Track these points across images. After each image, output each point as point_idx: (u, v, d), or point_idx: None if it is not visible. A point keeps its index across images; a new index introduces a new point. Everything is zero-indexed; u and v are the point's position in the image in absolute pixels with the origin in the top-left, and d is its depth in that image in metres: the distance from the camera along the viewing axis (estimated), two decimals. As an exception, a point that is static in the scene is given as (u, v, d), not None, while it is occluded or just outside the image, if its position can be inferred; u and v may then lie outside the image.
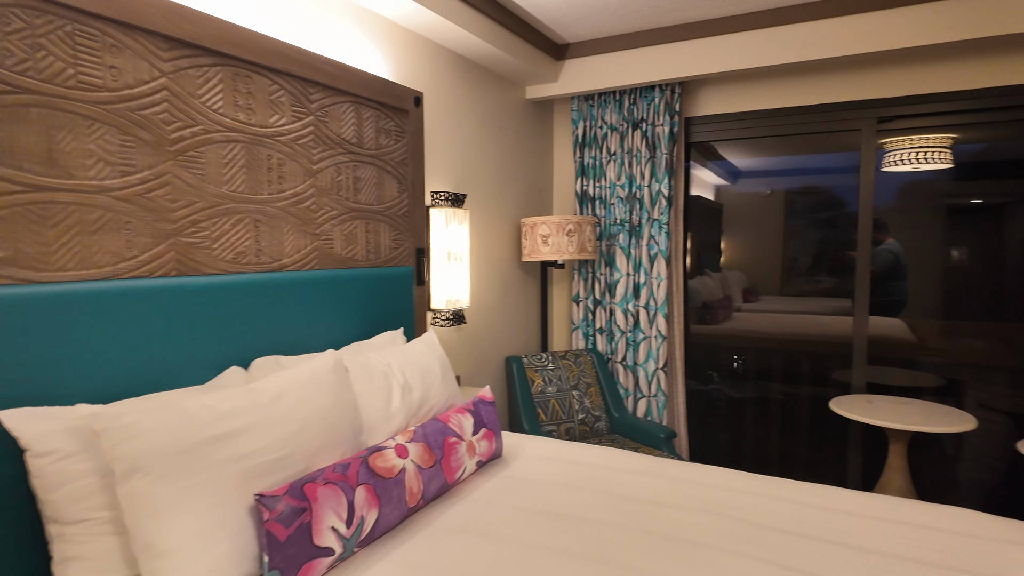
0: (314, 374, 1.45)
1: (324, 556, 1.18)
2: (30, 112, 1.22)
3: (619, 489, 1.62)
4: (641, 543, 1.33)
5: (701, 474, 1.72)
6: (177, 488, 1.10)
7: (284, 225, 1.79)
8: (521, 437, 2.08)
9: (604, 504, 1.53)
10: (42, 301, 1.22)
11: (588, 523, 1.43)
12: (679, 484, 1.65)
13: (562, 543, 1.33)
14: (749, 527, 1.40)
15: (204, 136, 1.56)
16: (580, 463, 1.82)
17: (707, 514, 1.47)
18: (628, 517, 1.46)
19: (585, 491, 1.61)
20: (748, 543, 1.32)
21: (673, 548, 1.31)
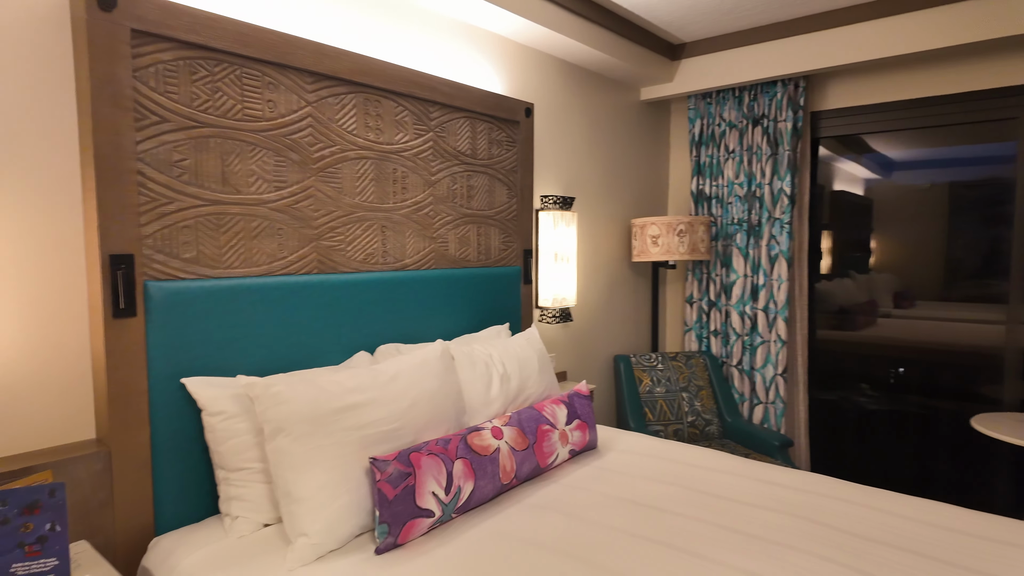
0: (425, 360, 1.66)
1: (425, 517, 1.37)
2: (209, 142, 1.54)
3: (704, 486, 1.66)
4: (717, 536, 1.37)
5: (795, 479, 1.70)
6: (310, 448, 1.35)
7: (406, 230, 2.03)
8: (618, 432, 2.16)
9: (687, 498, 1.58)
10: (217, 293, 1.54)
11: (669, 514, 1.49)
12: (768, 486, 1.65)
13: (641, 529, 1.41)
14: (833, 532, 1.38)
15: (340, 154, 1.83)
16: (671, 459, 1.87)
17: (791, 516, 1.47)
18: (709, 512, 1.50)
19: (671, 485, 1.67)
20: (830, 547, 1.32)
21: (748, 543, 1.34)
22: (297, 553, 1.27)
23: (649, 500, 1.58)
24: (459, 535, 1.40)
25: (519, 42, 2.52)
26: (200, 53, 1.51)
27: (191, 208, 1.51)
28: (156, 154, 1.44)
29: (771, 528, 1.41)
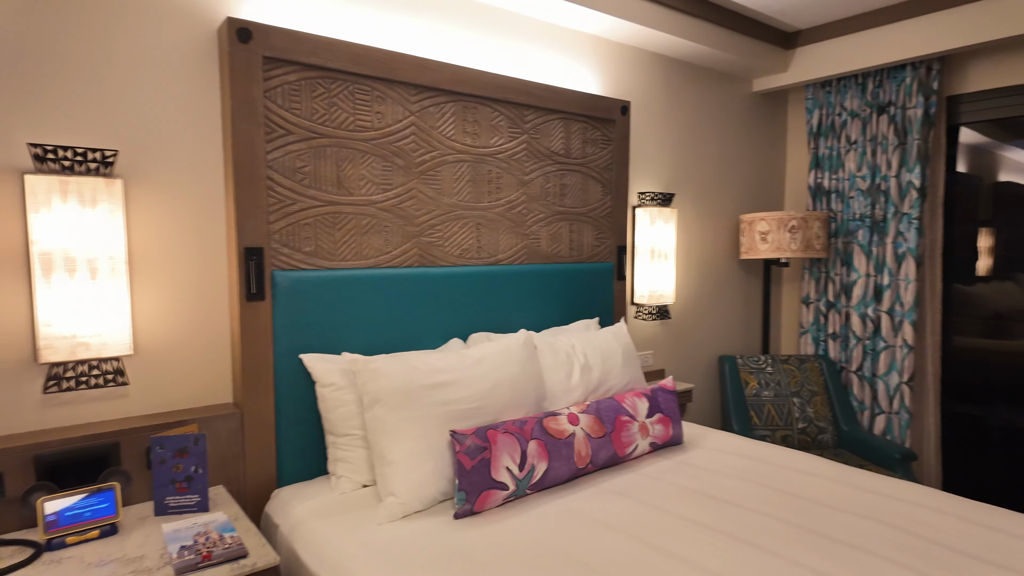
0: (507, 347, 1.77)
1: (500, 489, 1.49)
2: (327, 150, 1.77)
3: (789, 487, 1.61)
4: (790, 534, 1.35)
5: (895, 488, 1.59)
6: (402, 418, 1.52)
7: (499, 227, 2.16)
8: (709, 430, 2.13)
9: (770, 498, 1.55)
10: (331, 282, 1.76)
11: (747, 511, 1.48)
12: (862, 492, 1.57)
13: (713, 522, 1.41)
14: (924, 543, 1.29)
15: (440, 158, 2.00)
16: (759, 459, 1.83)
17: (880, 523, 1.39)
18: (788, 511, 1.46)
19: (754, 484, 1.64)
20: (917, 557, 1.24)
21: (823, 544, 1.30)
22: (387, 510, 1.44)
23: (726, 495, 1.57)
24: (532, 509, 1.50)
25: (616, 41, 2.57)
26: (319, 73, 1.74)
27: (311, 208, 1.75)
28: (282, 162, 1.69)
29: (853, 532, 1.35)
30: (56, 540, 1.27)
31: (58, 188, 1.38)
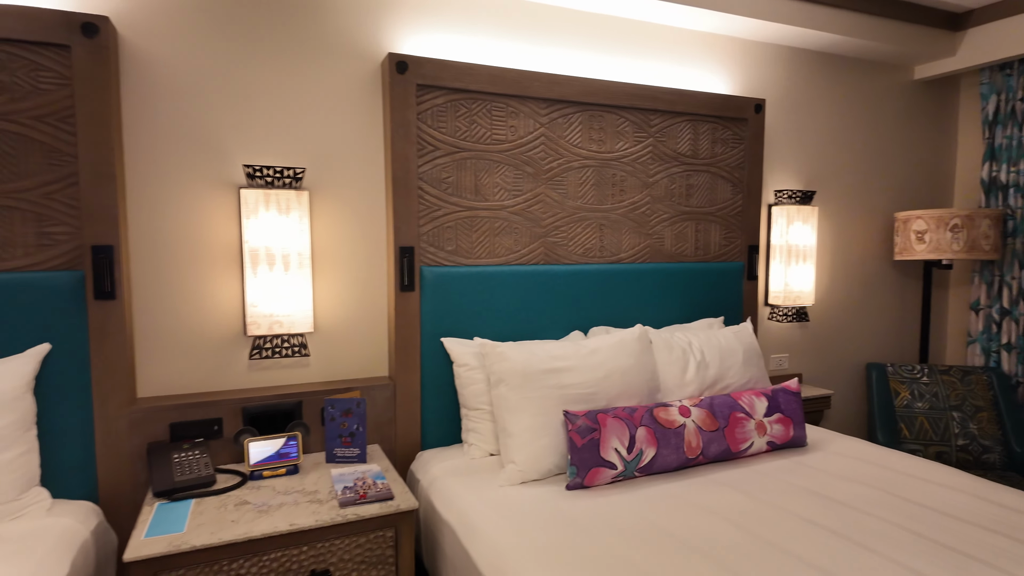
0: (622, 340, 1.90)
1: (608, 468, 1.62)
2: (467, 162, 2.02)
3: (911, 494, 1.55)
4: (905, 540, 1.32)
5: (1043, 508, 1.47)
6: (522, 397, 1.72)
7: (622, 228, 2.28)
8: (837, 435, 2.07)
9: (885, 502, 1.51)
10: (468, 276, 2.01)
11: (857, 512, 1.46)
12: (994, 507, 1.47)
13: (825, 521, 1.42)
14: (1061, 564, 1.21)
15: (566, 165, 2.17)
16: (884, 466, 1.76)
17: (1007, 538, 1.31)
18: (906, 518, 1.43)
19: (872, 488, 1.60)
20: (1046, 576, 1.17)
21: (940, 553, 1.26)
22: (507, 475, 1.65)
23: (840, 496, 1.56)
24: (638, 490, 1.61)
25: (751, 40, 2.55)
26: (462, 95, 2.00)
27: (453, 213, 2.02)
28: (431, 174, 1.97)
29: (975, 544, 1.30)
30: (256, 472, 1.65)
31: (263, 199, 1.77)
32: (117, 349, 1.61)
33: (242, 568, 1.34)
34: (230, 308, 1.83)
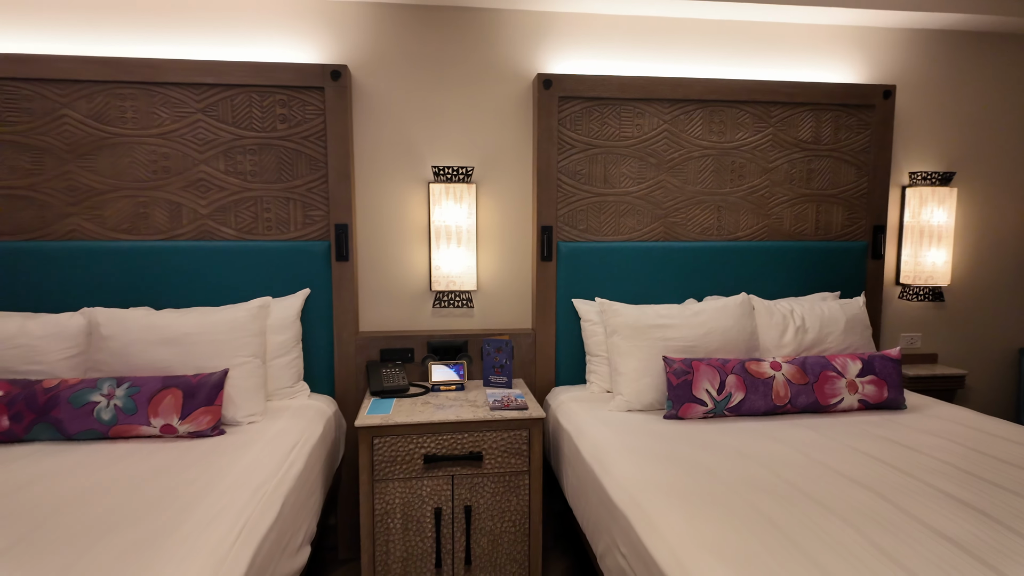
0: (725, 304, 2.23)
1: (699, 404, 1.99)
2: (597, 156, 2.48)
3: (1000, 454, 1.68)
4: (973, 484, 1.52)
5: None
6: (632, 345, 2.15)
7: (740, 209, 2.57)
8: (940, 402, 2.17)
9: (965, 455, 1.67)
10: (596, 251, 2.47)
11: (930, 458, 1.65)
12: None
13: (884, 456, 1.65)
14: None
15: (686, 155, 2.52)
16: (982, 430, 1.87)
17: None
18: (981, 468, 1.57)
19: (956, 444, 1.75)
20: (1069, 508, 1.33)
21: (1013, 500, 1.47)
22: (615, 404, 2.10)
23: (914, 444, 1.75)
24: (724, 423, 1.96)
25: (881, 27, 2.63)
26: (595, 102, 2.45)
27: (585, 199, 2.49)
28: (568, 167, 2.46)
29: None
30: (435, 386, 2.29)
31: (444, 191, 2.39)
32: (348, 296, 2.36)
33: (425, 441, 1.97)
34: (421, 271, 2.50)
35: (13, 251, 2.14)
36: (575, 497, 1.91)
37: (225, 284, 2.25)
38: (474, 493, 1.98)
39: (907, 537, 1.22)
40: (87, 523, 1.24)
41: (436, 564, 1.97)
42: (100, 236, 2.22)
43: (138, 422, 1.76)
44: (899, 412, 2.09)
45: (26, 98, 2.14)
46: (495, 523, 2.00)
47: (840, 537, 1.22)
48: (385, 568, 1.96)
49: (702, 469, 1.57)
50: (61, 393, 1.76)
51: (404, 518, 1.95)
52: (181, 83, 2.19)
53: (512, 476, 2.00)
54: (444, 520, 1.97)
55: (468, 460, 1.97)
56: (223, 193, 2.27)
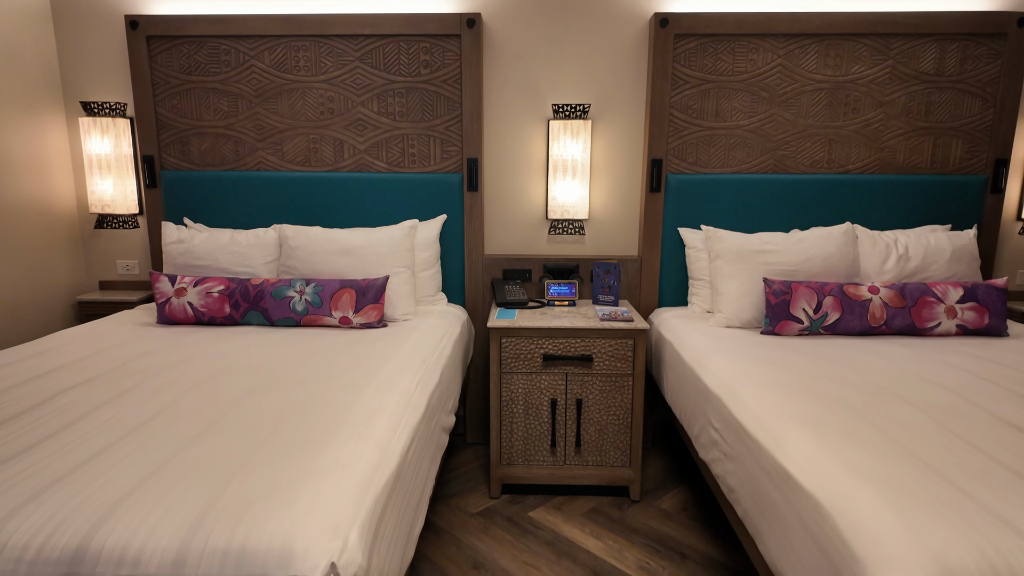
0: (828, 233, 2.35)
1: (795, 322, 2.18)
2: (710, 92, 2.61)
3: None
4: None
5: None
6: (734, 268, 2.35)
7: (851, 143, 2.62)
8: (1052, 335, 2.21)
9: (1045, 369, 1.79)
10: (704, 182, 2.64)
11: (1019, 372, 1.78)
12: None
13: (974, 369, 1.78)
14: None
15: (799, 89, 2.59)
16: (1078, 355, 1.94)
17: None
18: (1051, 377, 1.71)
19: (1043, 362, 1.86)
20: None
21: (1054, 392, 1.59)
22: (715, 320, 2.33)
23: (1007, 362, 1.85)
24: (820, 339, 2.14)
25: (1030, -53, 2.50)
26: (710, 39, 2.57)
27: (695, 132, 2.65)
28: (680, 102, 2.62)
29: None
30: (550, 302, 2.62)
31: (562, 128, 2.65)
32: (477, 221, 2.71)
33: (544, 343, 2.31)
34: (538, 201, 2.80)
35: (219, 179, 2.67)
36: (674, 395, 2.20)
37: (379, 209, 2.67)
38: (584, 389, 2.32)
39: (977, 424, 1.40)
40: (312, 372, 1.70)
41: (551, 445, 2.34)
42: (281, 167, 2.70)
43: (323, 313, 2.23)
44: (999, 339, 2.16)
45: (224, 52, 2.61)
46: (602, 415, 2.33)
47: (912, 419, 1.42)
48: (509, 445, 2.36)
49: (791, 367, 1.80)
50: (265, 289, 2.26)
51: (526, 405, 2.33)
52: (344, 35, 2.57)
53: (618, 378, 2.30)
54: (559, 410, 2.33)
55: (580, 361, 2.30)
56: (376, 131, 2.66)
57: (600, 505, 2.33)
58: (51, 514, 1.00)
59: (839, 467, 1.19)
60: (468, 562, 1.98)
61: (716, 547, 2.07)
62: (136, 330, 2.18)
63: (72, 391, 1.55)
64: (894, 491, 1.10)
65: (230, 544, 0.94)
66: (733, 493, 1.57)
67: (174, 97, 2.65)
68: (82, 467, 1.15)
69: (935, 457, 1.23)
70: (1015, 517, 1.02)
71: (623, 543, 2.08)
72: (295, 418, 1.38)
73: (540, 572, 1.93)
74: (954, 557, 0.93)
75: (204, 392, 1.55)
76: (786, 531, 1.26)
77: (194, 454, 1.20)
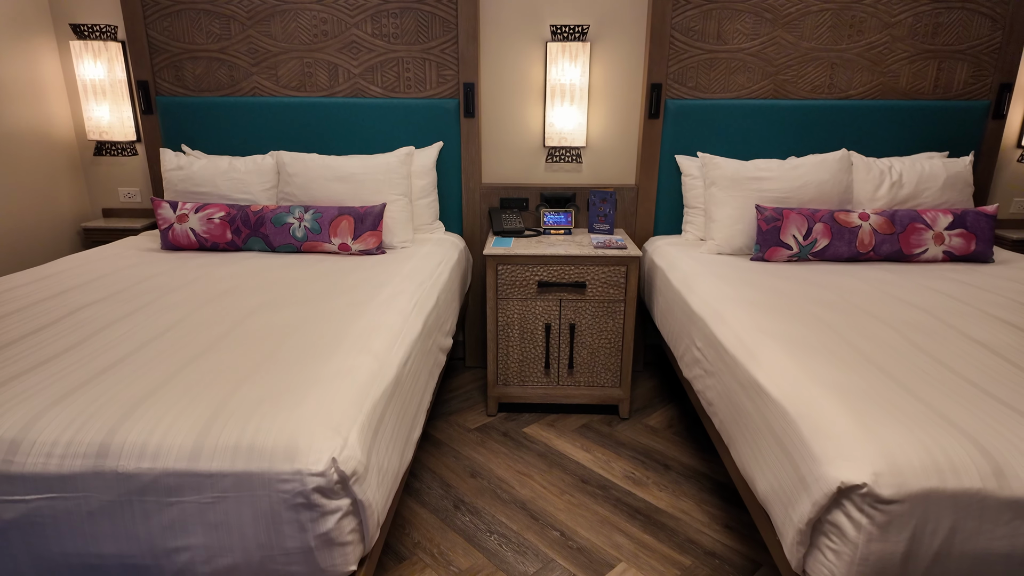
0: (824, 159, 2.36)
1: (785, 248, 2.22)
2: (712, 12, 2.54)
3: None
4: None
5: None
6: (728, 195, 2.37)
7: (855, 66, 2.57)
8: None
9: None
10: (703, 108, 2.61)
11: (994, 295, 1.84)
12: None
13: (951, 291, 1.84)
14: None
15: (804, 9, 2.52)
16: (1058, 279, 1.99)
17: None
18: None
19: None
20: None
21: (1025, 312, 1.65)
22: (707, 247, 2.38)
23: (985, 286, 1.90)
24: (808, 265, 2.19)
25: None
26: (712, -45, 2.48)
27: (696, 56, 2.60)
28: (681, 23, 2.56)
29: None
30: (546, 230, 2.66)
31: (560, 50, 2.60)
32: (474, 149, 2.71)
33: (539, 270, 2.37)
34: (536, 127, 2.78)
35: (215, 104, 2.65)
36: (662, 317, 2.28)
37: (374, 135, 2.67)
38: (578, 314, 2.39)
39: (941, 338, 1.48)
40: (313, 293, 1.77)
41: (545, 367, 2.45)
42: (276, 93, 2.68)
43: (322, 240, 2.28)
44: (984, 264, 2.21)
45: (212, -29, 2.54)
46: (594, 339, 2.42)
47: (883, 336, 1.49)
48: (505, 367, 2.47)
49: (774, 291, 1.86)
50: (265, 215, 2.31)
51: (521, 330, 2.42)
52: (334, -48, 2.49)
53: (610, 303, 2.38)
54: (552, 334, 2.42)
55: (573, 287, 2.37)
56: (371, 54, 2.62)
57: (591, 422, 2.46)
58: (76, 413, 1.09)
59: (807, 378, 1.27)
60: (466, 471, 2.12)
61: (697, 459, 2.21)
62: (142, 255, 2.24)
63: (88, 308, 1.63)
64: (854, 398, 1.18)
65: (240, 440, 1.03)
66: (712, 406, 1.67)
67: (165, 19, 2.60)
68: (103, 374, 1.24)
69: (899, 369, 1.31)
70: (962, 419, 1.11)
71: (611, 455, 2.22)
72: (298, 333, 1.46)
73: (532, 479, 2.07)
74: (900, 453, 1.02)
75: (212, 310, 1.62)
76: (756, 437, 1.35)
77: (205, 364, 1.29)
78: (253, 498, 1.01)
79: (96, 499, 1.02)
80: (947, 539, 0.99)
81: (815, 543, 1.09)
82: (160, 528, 1.03)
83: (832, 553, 1.04)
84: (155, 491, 1.02)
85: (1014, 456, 1.01)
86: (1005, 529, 0.98)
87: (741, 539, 1.79)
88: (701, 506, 1.94)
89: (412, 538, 1.78)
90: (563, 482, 2.06)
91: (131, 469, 1.01)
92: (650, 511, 1.91)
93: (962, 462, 1.00)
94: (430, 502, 1.95)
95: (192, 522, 1.03)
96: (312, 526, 1.02)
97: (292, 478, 1.00)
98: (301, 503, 1.01)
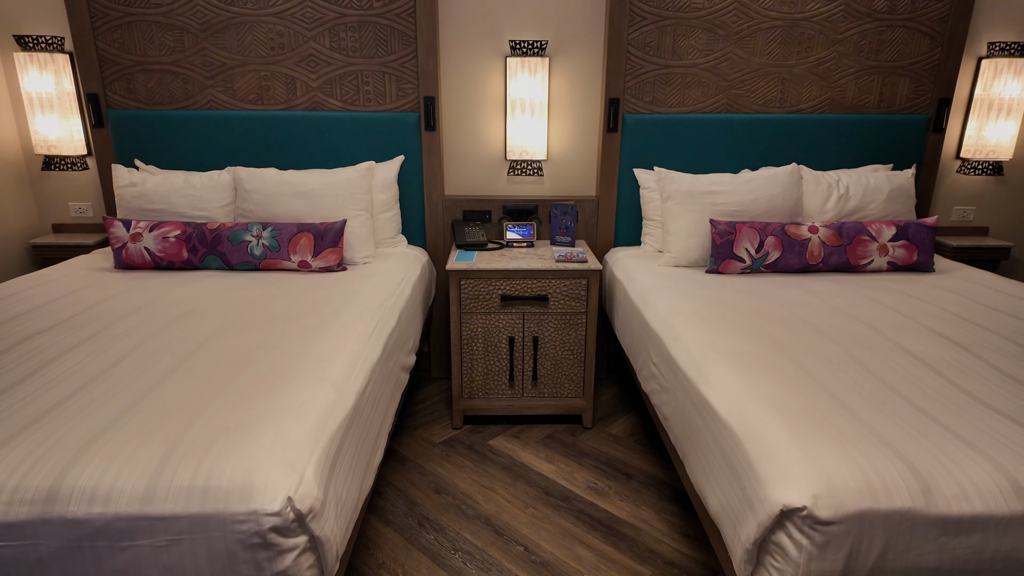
0: (775, 173, 2.43)
1: (738, 261, 2.29)
2: (667, 28, 2.59)
3: (1008, 309, 1.94)
4: (967, 329, 1.80)
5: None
6: (684, 209, 2.43)
7: (804, 82, 2.66)
8: (973, 269, 2.37)
9: (968, 307, 1.93)
10: (660, 122, 2.67)
11: (934, 307, 1.93)
12: None
13: (892, 303, 1.93)
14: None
15: (755, 26, 2.59)
16: (1000, 290, 2.09)
17: None
18: (982, 319, 1.87)
19: (965, 298, 2.00)
20: None
21: (1007, 348, 1.75)
22: (664, 259, 2.44)
23: (926, 297, 2.00)
24: (759, 277, 2.26)
25: None
26: (667, -27, 2.53)
27: (652, 71, 2.65)
28: (637, 39, 2.61)
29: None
30: (509, 243, 2.68)
31: (519, 64, 2.62)
32: (436, 162, 2.71)
33: (502, 284, 2.39)
34: (497, 140, 2.80)
35: (169, 118, 2.60)
36: (622, 329, 2.32)
37: (334, 149, 2.66)
38: (541, 327, 2.42)
39: (882, 354, 1.55)
40: (273, 313, 1.76)
41: (509, 379, 2.48)
42: (232, 106, 2.64)
43: (281, 257, 2.26)
44: (926, 274, 2.31)
45: (164, -18, 2.48)
46: (557, 351, 2.45)
47: (826, 352, 1.56)
48: (470, 380, 2.48)
49: (725, 304, 1.92)
50: (222, 233, 2.27)
51: (485, 343, 2.44)
52: (290, -35, 2.46)
53: (572, 316, 2.41)
54: (516, 347, 2.45)
55: (536, 301, 2.40)
56: (329, 68, 2.60)
57: (555, 432, 2.50)
58: (24, 456, 1.07)
59: (752, 398, 1.33)
60: (431, 487, 2.13)
61: (658, 467, 2.26)
62: (94, 275, 2.19)
63: (37, 337, 1.59)
64: (796, 419, 1.24)
65: (194, 480, 1.03)
66: (667, 421, 1.72)
67: (115, 31, 2.54)
68: (52, 411, 1.22)
69: (839, 386, 1.38)
70: (895, 437, 1.17)
71: (574, 466, 2.26)
72: (255, 361, 1.46)
73: (497, 494, 2.09)
74: (837, 475, 1.07)
75: (167, 336, 1.60)
76: (707, 455, 1.40)
77: (159, 397, 1.28)
78: (208, 539, 1.01)
79: (45, 546, 1.01)
80: (881, 556, 1.05)
81: (761, 561, 1.14)
82: (112, 573, 1.02)
83: (776, 571, 1.09)
84: (107, 536, 1.01)
85: (941, 475, 1.07)
86: (933, 545, 1.05)
87: (699, 547, 1.85)
88: (661, 515, 1.99)
89: (376, 558, 1.79)
90: (527, 495, 2.09)
91: (81, 515, 1.00)
92: (611, 521, 1.95)
93: (894, 482, 1.06)
94: (394, 520, 1.95)
95: (146, 565, 1.02)
96: (269, 565, 1.03)
97: (248, 518, 1.00)
98: (257, 543, 1.01)
